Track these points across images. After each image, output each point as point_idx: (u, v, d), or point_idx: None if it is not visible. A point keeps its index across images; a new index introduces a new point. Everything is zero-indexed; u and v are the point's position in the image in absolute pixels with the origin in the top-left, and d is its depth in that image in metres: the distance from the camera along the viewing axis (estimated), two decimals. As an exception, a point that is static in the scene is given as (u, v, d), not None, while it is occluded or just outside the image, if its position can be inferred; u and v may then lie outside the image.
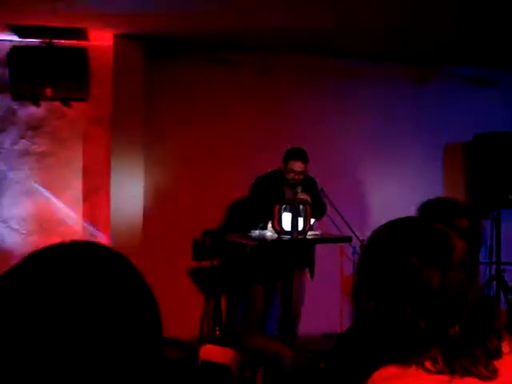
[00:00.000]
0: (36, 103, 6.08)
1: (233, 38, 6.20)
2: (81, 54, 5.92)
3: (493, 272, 6.77)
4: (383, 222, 1.61)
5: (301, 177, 5.37)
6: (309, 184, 5.57)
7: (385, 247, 1.52)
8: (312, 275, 5.66)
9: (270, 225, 5.08)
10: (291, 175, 5.35)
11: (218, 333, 6.11)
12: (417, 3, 4.91)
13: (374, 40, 6.13)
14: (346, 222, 6.31)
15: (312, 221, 5.07)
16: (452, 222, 2.24)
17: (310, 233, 5.07)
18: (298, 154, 5.37)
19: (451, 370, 1.40)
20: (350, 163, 6.88)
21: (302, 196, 5.19)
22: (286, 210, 4.88)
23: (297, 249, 5.32)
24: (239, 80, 6.65)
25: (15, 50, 5.84)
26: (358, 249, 6.14)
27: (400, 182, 6.95)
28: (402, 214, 1.68)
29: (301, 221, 4.89)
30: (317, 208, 5.41)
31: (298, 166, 5.34)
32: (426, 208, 2.37)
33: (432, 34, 5.87)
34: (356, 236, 5.92)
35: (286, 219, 4.88)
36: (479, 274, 1.64)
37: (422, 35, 5.91)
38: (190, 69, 6.53)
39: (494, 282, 6.66)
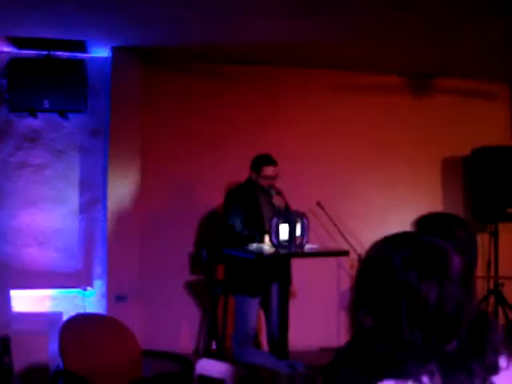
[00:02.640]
0: (33, 115, 6.08)
1: (229, 51, 6.21)
2: (79, 66, 5.93)
3: (491, 286, 6.75)
4: (381, 235, 1.60)
5: (273, 180, 5.43)
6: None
7: (382, 262, 1.51)
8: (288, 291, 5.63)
9: (267, 238, 5.06)
10: (265, 181, 5.41)
11: (214, 347, 6.07)
12: (415, 15, 4.93)
13: (373, 52, 6.14)
14: (344, 236, 6.30)
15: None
16: (453, 233, 2.23)
17: (307, 246, 5.05)
18: (270, 159, 5.46)
19: (449, 385, 1.39)
20: (347, 177, 6.87)
21: (276, 199, 5.31)
22: (282, 221, 4.87)
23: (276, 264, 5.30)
24: (237, 92, 6.65)
25: (13, 61, 5.85)
26: (355, 262, 6.12)
27: (398, 195, 6.94)
28: (400, 228, 1.67)
29: (298, 233, 4.88)
30: None
31: (271, 170, 5.42)
32: (425, 222, 2.36)
33: (431, 47, 5.88)
34: (353, 250, 5.90)
35: (284, 229, 4.88)
36: (476, 288, 1.64)
37: (421, 47, 5.93)
38: (187, 81, 6.53)
39: (492, 297, 6.64)
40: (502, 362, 1.48)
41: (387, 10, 4.82)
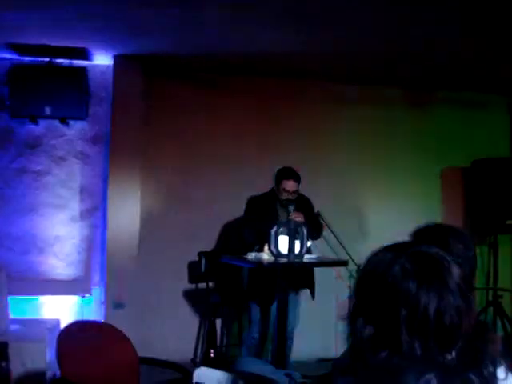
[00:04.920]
0: (34, 121, 6.09)
1: (230, 61, 6.22)
2: (80, 74, 5.95)
3: (490, 298, 6.74)
4: (380, 246, 1.60)
5: (294, 196, 5.37)
6: (303, 203, 5.56)
7: (381, 271, 1.50)
8: (313, 296, 5.63)
9: (266, 247, 5.05)
10: (285, 195, 5.36)
11: (212, 355, 6.06)
12: (415, 28, 4.94)
13: (373, 65, 6.16)
14: (343, 246, 6.29)
15: (309, 243, 5.04)
16: (449, 246, 2.23)
17: (306, 256, 5.04)
18: (291, 173, 5.39)
19: (447, 395, 1.39)
20: (347, 187, 6.88)
21: (295, 215, 5.19)
22: (282, 232, 4.86)
23: (293, 272, 5.29)
24: (238, 103, 6.66)
25: (15, 68, 5.87)
26: (354, 273, 6.11)
27: (398, 206, 6.94)
28: (400, 239, 1.67)
29: (297, 243, 4.86)
30: (312, 228, 5.38)
31: (290, 185, 5.36)
32: (422, 233, 2.36)
33: (430, 59, 5.90)
34: (352, 260, 5.89)
35: (283, 242, 4.86)
36: (475, 299, 1.63)
37: (420, 60, 5.94)
38: (188, 90, 6.55)
39: (491, 308, 6.62)
40: (500, 373, 1.48)
41: (387, 24, 4.85)
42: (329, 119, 6.87)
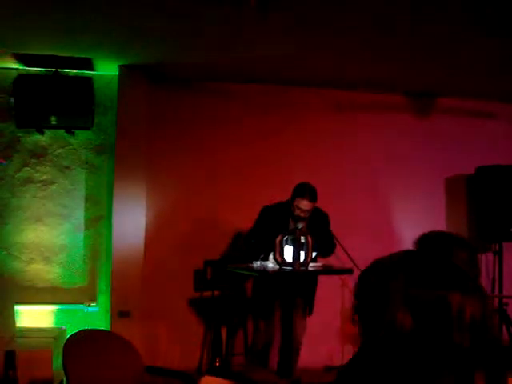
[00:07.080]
0: (40, 131, 6.12)
1: (236, 69, 6.24)
2: (86, 84, 5.98)
3: (495, 305, 6.72)
4: (384, 254, 1.61)
5: (307, 214, 5.30)
6: (319, 219, 5.48)
7: (383, 280, 1.51)
8: (310, 311, 5.59)
9: (271, 256, 5.05)
10: (297, 212, 5.27)
11: (217, 364, 6.06)
12: (417, 35, 4.96)
13: (374, 72, 6.17)
14: (348, 254, 6.28)
15: (314, 253, 5.03)
16: (453, 254, 2.24)
17: (311, 264, 5.03)
18: (306, 191, 5.24)
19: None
20: (351, 195, 6.87)
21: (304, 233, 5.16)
22: (287, 241, 4.86)
23: (298, 280, 5.28)
24: (241, 111, 6.68)
25: (21, 78, 5.90)
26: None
27: (402, 214, 6.94)
28: (405, 247, 1.67)
29: (302, 252, 4.87)
30: (323, 244, 5.34)
31: (304, 204, 5.23)
32: (425, 241, 2.37)
33: (432, 67, 5.91)
34: (358, 268, 5.90)
35: (288, 250, 4.86)
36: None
37: (422, 67, 5.95)
38: (194, 99, 6.57)
39: (497, 316, 6.61)
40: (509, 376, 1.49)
41: (386, 30, 4.87)
42: (329, 127, 6.86)
